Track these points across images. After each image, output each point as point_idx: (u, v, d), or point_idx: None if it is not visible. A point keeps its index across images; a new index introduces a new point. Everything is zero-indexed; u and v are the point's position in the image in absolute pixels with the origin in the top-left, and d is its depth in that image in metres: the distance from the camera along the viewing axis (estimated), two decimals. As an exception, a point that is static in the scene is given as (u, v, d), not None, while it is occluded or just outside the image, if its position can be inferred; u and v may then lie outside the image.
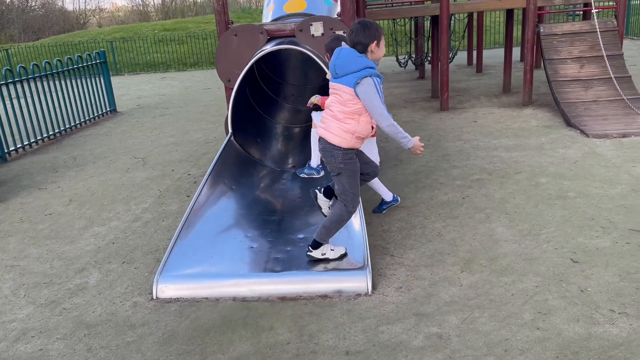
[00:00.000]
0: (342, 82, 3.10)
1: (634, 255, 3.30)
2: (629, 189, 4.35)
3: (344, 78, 3.09)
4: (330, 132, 3.20)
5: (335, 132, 3.18)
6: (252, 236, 3.81)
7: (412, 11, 8.60)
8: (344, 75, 3.09)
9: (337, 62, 3.12)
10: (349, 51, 3.10)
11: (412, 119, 7.57)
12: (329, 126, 3.21)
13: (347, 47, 3.13)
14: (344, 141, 3.18)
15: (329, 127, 3.22)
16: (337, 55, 3.14)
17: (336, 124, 3.18)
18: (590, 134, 5.92)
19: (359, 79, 3.01)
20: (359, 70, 3.02)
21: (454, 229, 3.92)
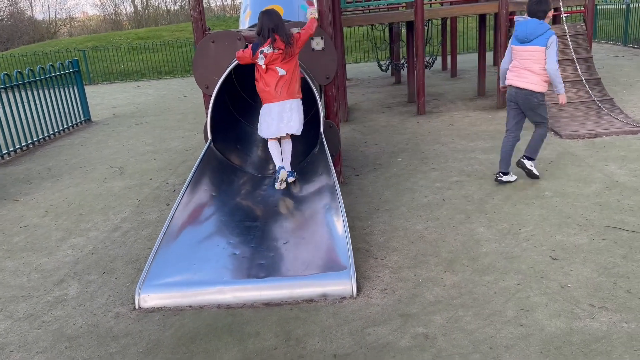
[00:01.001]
0: (534, 44, 4.36)
1: (610, 251, 3.38)
2: (603, 187, 4.46)
3: (535, 41, 4.35)
4: (532, 84, 4.44)
5: (537, 83, 4.44)
6: (234, 243, 3.79)
7: (387, 17, 8.70)
8: (535, 38, 4.34)
9: (527, 30, 4.36)
10: (533, 20, 4.37)
11: (390, 123, 7.64)
12: (531, 80, 4.44)
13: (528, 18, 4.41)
14: (543, 88, 4.49)
15: (531, 80, 4.44)
16: (525, 25, 4.38)
17: (537, 77, 4.43)
18: (563, 134, 6.06)
19: (547, 38, 4.29)
20: (545, 32, 4.30)
21: (436, 230, 3.96)
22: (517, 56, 4.53)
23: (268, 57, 4.11)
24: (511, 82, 4.58)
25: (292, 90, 4.25)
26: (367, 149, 6.36)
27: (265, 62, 4.13)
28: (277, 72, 4.16)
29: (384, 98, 9.78)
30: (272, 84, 4.20)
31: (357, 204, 4.63)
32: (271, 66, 4.16)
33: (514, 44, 4.53)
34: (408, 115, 8.11)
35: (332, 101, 4.92)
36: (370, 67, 14.12)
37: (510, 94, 4.63)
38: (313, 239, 3.67)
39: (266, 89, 4.23)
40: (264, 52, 4.10)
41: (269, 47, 4.09)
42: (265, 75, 4.21)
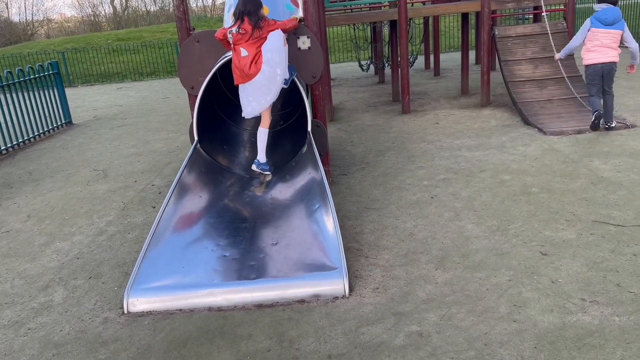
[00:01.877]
0: (616, 28, 5.70)
1: (598, 246, 3.42)
2: (588, 182, 4.52)
3: (616, 25, 5.70)
4: (613, 58, 5.77)
5: (615, 56, 5.78)
6: (224, 245, 3.74)
7: (371, 16, 8.71)
8: (616, 22, 5.70)
9: (614, 15, 5.68)
10: (615, 8, 5.71)
11: (376, 122, 7.65)
12: (612, 55, 5.77)
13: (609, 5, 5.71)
14: (618, 59, 5.81)
15: (613, 56, 5.78)
16: (610, 11, 5.67)
17: (615, 52, 5.77)
18: (547, 131, 6.13)
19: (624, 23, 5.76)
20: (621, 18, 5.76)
21: (425, 228, 3.96)
22: (596, 37, 5.76)
23: (234, 37, 4.31)
24: (596, 60, 5.80)
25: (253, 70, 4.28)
26: (354, 148, 6.35)
27: (233, 41, 4.33)
28: (239, 53, 4.31)
29: (369, 97, 9.79)
30: (237, 64, 4.34)
31: (346, 203, 4.62)
32: (237, 46, 4.32)
33: (597, 26, 5.72)
34: (393, 114, 8.12)
35: (319, 100, 4.90)
36: (353, 67, 14.13)
37: (594, 71, 5.84)
38: (304, 238, 3.64)
39: (235, 69, 4.38)
40: (232, 32, 4.32)
41: (237, 28, 4.29)
42: (234, 55, 4.37)
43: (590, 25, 5.78)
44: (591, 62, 5.83)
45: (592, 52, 5.81)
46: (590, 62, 5.83)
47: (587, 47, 5.88)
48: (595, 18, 5.76)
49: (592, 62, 5.82)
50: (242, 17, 4.27)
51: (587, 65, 5.90)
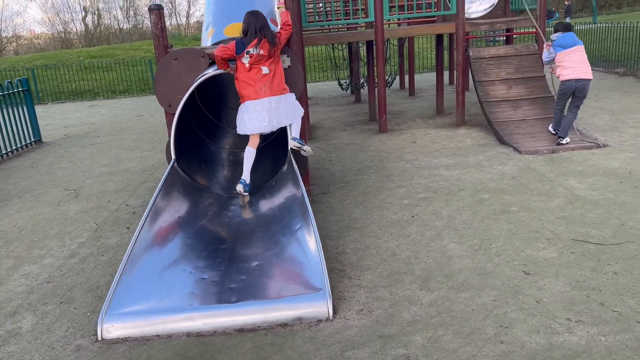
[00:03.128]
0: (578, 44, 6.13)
1: (580, 265, 3.44)
2: (566, 201, 4.58)
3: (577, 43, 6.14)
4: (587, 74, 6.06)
5: (590, 73, 6.11)
6: (202, 267, 3.63)
7: (348, 36, 8.79)
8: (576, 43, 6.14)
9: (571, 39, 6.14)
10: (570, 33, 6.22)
11: (354, 141, 7.66)
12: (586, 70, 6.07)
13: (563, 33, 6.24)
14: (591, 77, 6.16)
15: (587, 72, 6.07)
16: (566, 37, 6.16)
17: (589, 67, 6.15)
18: (523, 150, 6.23)
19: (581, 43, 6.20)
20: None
21: (408, 248, 3.93)
22: (566, 58, 6.11)
23: (253, 58, 4.15)
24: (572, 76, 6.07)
25: (275, 86, 4.27)
26: (333, 167, 6.33)
27: (250, 62, 4.17)
28: (261, 71, 4.22)
29: (346, 116, 9.83)
30: (255, 81, 4.22)
31: (327, 222, 4.56)
32: (255, 65, 4.20)
33: (560, 51, 6.13)
34: (370, 133, 8.16)
35: (299, 119, 4.85)
36: (329, 86, 14.22)
37: (569, 87, 6.14)
38: (285, 259, 3.57)
39: (249, 87, 4.23)
40: (249, 53, 4.13)
41: (255, 47, 4.13)
42: (248, 74, 4.22)
43: (555, 52, 6.21)
44: (566, 77, 6.13)
45: (567, 68, 6.11)
46: (566, 77, 6.13)
47: (562, 65, 6.18)
48: (557, 45, 6.20)
49: (567, 78, 6.12)
50: (259, 35, 4.14)
51: (562, 80, 6.21)
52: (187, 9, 38.17)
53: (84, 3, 33.21)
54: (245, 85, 4.25)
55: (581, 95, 6.14)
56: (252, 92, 4.24)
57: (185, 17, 37.25)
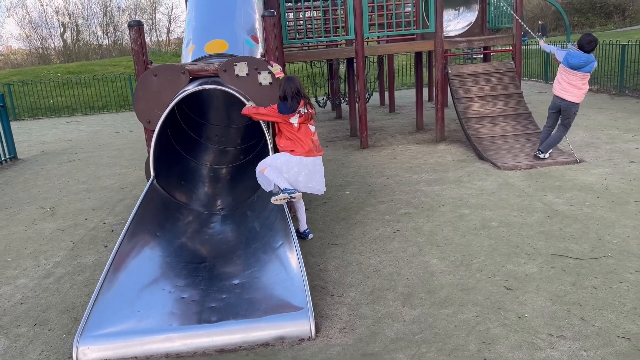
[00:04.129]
0: (585, 71, 5.88)
1: (560, 279, 3.47)
2: (544, 216, 4.63)
3: (587, 67, 5.86)
4: (575, 97, 6.01)
5: (580, 96, 6.04)
6: (182, 286, 3.56)
7: (329, 54, 8.86)
8: (586, 65, 5.85)
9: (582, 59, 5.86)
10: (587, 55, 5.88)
11: (335, 157, 7.67)
12: (575, 94, 6.01)
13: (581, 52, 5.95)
14: (579, 100, 6.07)
15: (575, 94, 6.02)
16: (580, 56, 5.87)
17: (581, 92, 6.02)
18: (502, 166, 6.31)
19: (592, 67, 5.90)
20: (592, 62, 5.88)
21: (390, 264, 3.92)
22: (566, 75, 6.00)
23: (303, 117, 4.35)
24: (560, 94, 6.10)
25: (319, 146, 4.51)
26: (314, 183, 6.31)
27: (299, 121, 4.34)
28: (309, 129, 4.42)
29: (327, 132, 9.86)
30: (307, 139, 4.38)
31: (309, 239, 4.53)
32: (303, 124, 4.37)
33: (565, 65, 5.95)
34: (352, 148, 8.18)
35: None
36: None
37: (555, 102, 6.19)
38: (267, 277, 3.52)
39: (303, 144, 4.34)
40: (300, 112, 4.31)
41: (304, 107, 4.33)
42: (298, 133, 4.34)
43: (561, 62, 6.01)
44: (555, 92, 6.18)
45: (559, 83, 6.10)
46: (555, 92, 6.18)
47: (557, 78, 6.12)
48: (567, 60, 5.91)
49: (555, 93, 6.17)
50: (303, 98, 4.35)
51: (554, 95, 6.23)
52: (168, 26, 38.09)
53: (62, 19, 32.95)
54: (296, 143, 4.34)
55: (565, 115, 6.15)
56: (303, 150, 4.35)
57: (166, 33, 37.20)
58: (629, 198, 4.89)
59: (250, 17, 5.80)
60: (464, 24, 9.06)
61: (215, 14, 5.66)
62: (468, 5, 9.17)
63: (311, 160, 4.36)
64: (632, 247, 3.87)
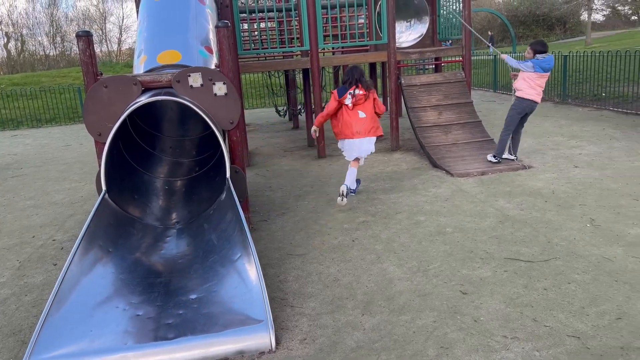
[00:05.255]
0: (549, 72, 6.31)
1: (512, 282, 3.58)
2: (497, 221, 4.78)
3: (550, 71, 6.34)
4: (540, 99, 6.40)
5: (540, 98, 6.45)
6: (137, 303, 3.45)
7: (284, 64, 8.88)
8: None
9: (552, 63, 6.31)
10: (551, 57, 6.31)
11: (293, 167, 7.67)
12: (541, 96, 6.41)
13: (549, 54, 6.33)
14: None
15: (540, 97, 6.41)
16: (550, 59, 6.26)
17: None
18: (454, 173, 6.48)
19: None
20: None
21: (349, 272, 3.94)
22: (536, 79, 6.27)
23: (355, 98, 5.29)
24: (534, 98, 6.34)
25: (370, 128, 5.42)
26: (273, 193, 6.29)
27: (352, 102, 5.30)
28: (358, 115, 5.34)
29: (284, 142, 9.85)
30: (356, 123, 5.34)
31: (268, 250, 4.50)
32: (355, 108, 5.33)
33: (539, 71, 6.23)
34: (309, 158, 8.21)
35: (237, 146, 4.81)
36: (267, 113, 14.25)
37: (527, 106, 6.40)
38: (225, 291, 3.46)
39: (349, 127, 5.37)
40: (351, 94, 5.28)
41: (354, 90, 5.28)
42: (348, 114, 5.36)
43: (534, 71, 6.25)
44: (529, 97, 6.33)
45: (532, 89, 6.32)
46: (528, 97, 6.33)
47: (528, 83, 6.32)
48: (539, 65, 6.20)
49: (529, 97, 6.33)
50: (357, 83, 5.28)
51: (524, 98, 6.36)
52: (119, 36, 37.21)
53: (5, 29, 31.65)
54: (343, 125, 5.39)
55: (528, 116, 6.56)
56: (350, 133, 5.38)
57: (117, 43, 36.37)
58: (574, 202, 5.12)
59: (204, 28, 5.75)
60: (416, 36, 9.28)
61: (167, 24, 5.58)
62: (419, 18, 9.41)
63: (358, 141, 5.38)
64: (579, 248, 4.04)
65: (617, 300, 3.24)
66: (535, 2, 39.85)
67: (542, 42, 6.49)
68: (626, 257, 3.83)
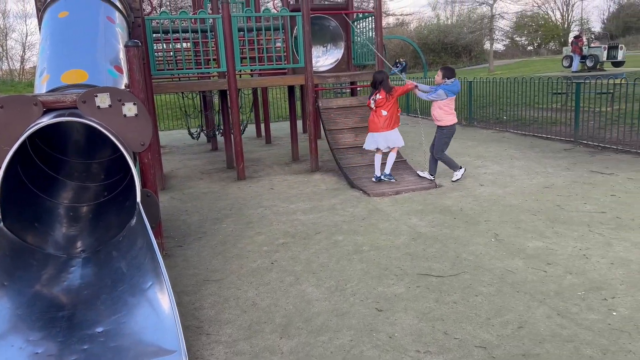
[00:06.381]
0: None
1: (425, 297, 3.71)
2: (410, 238, 4.96)
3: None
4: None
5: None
6: (36, 340, 3.17)
7: (200, 85, 8.75)
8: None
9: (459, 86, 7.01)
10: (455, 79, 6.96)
11: (211, 189, 7.51)
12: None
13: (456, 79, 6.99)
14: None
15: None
16: (456, 82, 6.88)
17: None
18: (371, 193, 6.66)
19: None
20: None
21: (268, 296, 3.89)
22: (449, 104, 6.81)
23: (377, 102, 6.72)
24: (455, 121, 6.91)
25: (390, 123, 6.77)
26: (189, 217, 6.11)
27: (376, 105, 6.75)
28: (381, 113, 6.73)
29: (202, 165, 9.65)
30: (380, 120, 6.75)
31: (183, 276, 4.34)
32: (379, 108, 6.73)
33: (451, 95, 6.79)
34: (229, 180, 8.09)
35: (148, 169, 4.64)
36: (184, 135, 13.90)
37: (453, 130, 6.96)
38: (136, 322, 3.28)
39: (375, 123, 6.81)
40: (374, 99, 6.76)
41: (378, 94, 6.71)
42: (375, 114, 6.80)
43: (447, 97, 6.75)
44: (453, 122, 6.87)
45: (450, 114, 6.83)
46: (452, 122, 6.86)
47: (445, 110, 6.80)
48: (450, 90, 6.75)
49: (451, 123, 6.85)
50: (379, 87, 6.74)
51: (449, 125, 6.86)
52: (22, 54, 34.94)
53: None
54: (373, 121, 6.84)
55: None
56: (376, 127, 6.79)
57: (20, 62, 34.13)
58: (480, 218, 5.43)
59: (114, 47, 5.54)
60: (332, 60, 9.54)
61: (73, 42, 5.32)
62: (335, 43, 9.70)
63: (382, 134, 6.78)
64: (484, 262, 4.28)
65: (519, 310, 3.46)
66: (443, 31, 42.57)
67: (451, 68, 7.04)
68: (526, 268, 4.11)
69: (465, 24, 42.26)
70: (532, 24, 50.97)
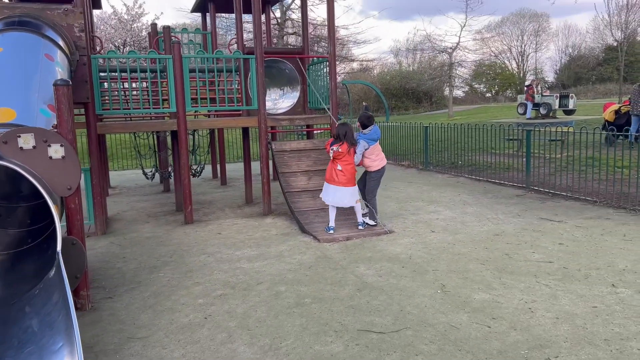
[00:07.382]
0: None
1: (362, 357, 3.48)
2: (355, 289, 4.75)
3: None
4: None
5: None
6: None
7: (149, 126, 8.48)
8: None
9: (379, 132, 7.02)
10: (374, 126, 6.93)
11: (155, 234, 7.16)
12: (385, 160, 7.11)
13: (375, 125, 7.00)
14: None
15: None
16: (377, 129, 6.93)
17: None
18: (321, 239, 6.46)
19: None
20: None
21: (195, 356, 3.58)
22: (373, 151, 6.81)
23: (335, 153, 6.50)
24: (383, 163, 6.91)
25: (344, 180, 6.51)
26: (125, 265, 5.74)
27: (334, 156, 6.53)
28: (337, 167, 6.52)
29: (151, 207, 9.28)
30: (334, 173, 6.55)
31: (106, 333, 3.98)
32: (336, 161, 6.53)
33: (372, 144, 6.79)
34: (175, 224, 7.76)
35: (75, 215, 4.33)
36: (137, 175, 13.49)
37: (382, 173, 6.95)
38: (36, 391, 2.92)
39: (331, 175, 6.59)
40: (334, 149, 6.51)
41: (338, 147, 6.48)
42: (332, 165, 6.59)
43: (369, 145, 6.76)
44: (380, 166, 6.88)
45: (376, 160, 6.85)
46: (380, 166, 6.88)
47: (372, 159, 6.82)
48: (369, 138, 6.78)
49: (380, 167, 6.88)
50: (342, 139, 6.48)
51: (377, 169, 6.87)
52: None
53: None
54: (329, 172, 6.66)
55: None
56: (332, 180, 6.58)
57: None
58: (428, 267, 5.29)
59: (50, 86, 5.28)
60: (289, 103, 9.49)
61: (4, 79, 5.05)
62: (292, 86, 9.68)
63: (335, 188, 6.54)
64: (428, 316, 4.10)
65: (460, 370, 3.26)
66: (405, 77, 43.80)
67: (368, 116, 6.98)
68: (470, 323, 3.94)
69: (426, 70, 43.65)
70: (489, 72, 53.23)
